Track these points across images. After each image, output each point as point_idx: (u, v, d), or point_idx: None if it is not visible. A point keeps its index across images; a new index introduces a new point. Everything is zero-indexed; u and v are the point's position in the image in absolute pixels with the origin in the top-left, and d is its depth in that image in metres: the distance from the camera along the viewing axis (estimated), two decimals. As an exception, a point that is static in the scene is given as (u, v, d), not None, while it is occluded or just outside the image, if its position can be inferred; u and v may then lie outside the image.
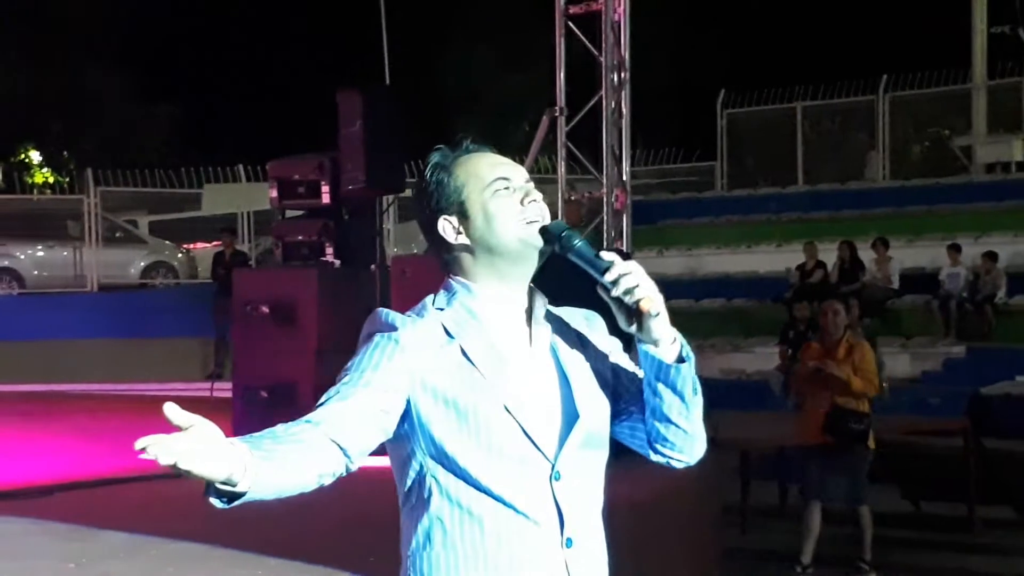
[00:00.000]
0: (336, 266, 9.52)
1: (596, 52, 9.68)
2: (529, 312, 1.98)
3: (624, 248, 9.99)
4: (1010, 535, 9.85)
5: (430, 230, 2.02)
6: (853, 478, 7.81)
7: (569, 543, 1.91)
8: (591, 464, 1.97)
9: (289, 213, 10.59)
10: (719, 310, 15.69)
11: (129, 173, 18.80)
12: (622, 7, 9.53)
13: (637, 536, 5.87)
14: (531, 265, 1.96)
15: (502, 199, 1.98)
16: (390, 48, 10.80)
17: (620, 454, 2.52)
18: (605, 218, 9.88)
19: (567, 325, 2.05)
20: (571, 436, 1.87)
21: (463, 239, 1.96)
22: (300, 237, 9.88)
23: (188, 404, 6.19)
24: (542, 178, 13.57)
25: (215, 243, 17.27)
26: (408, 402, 1.87)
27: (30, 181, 25.91)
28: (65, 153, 27.46)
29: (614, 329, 2.09)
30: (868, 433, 7.67)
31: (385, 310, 1.96)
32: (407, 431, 1.88)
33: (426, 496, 1.91)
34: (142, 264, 18.61)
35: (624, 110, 9.68)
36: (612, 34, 9.59)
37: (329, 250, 9.53)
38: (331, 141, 9.80)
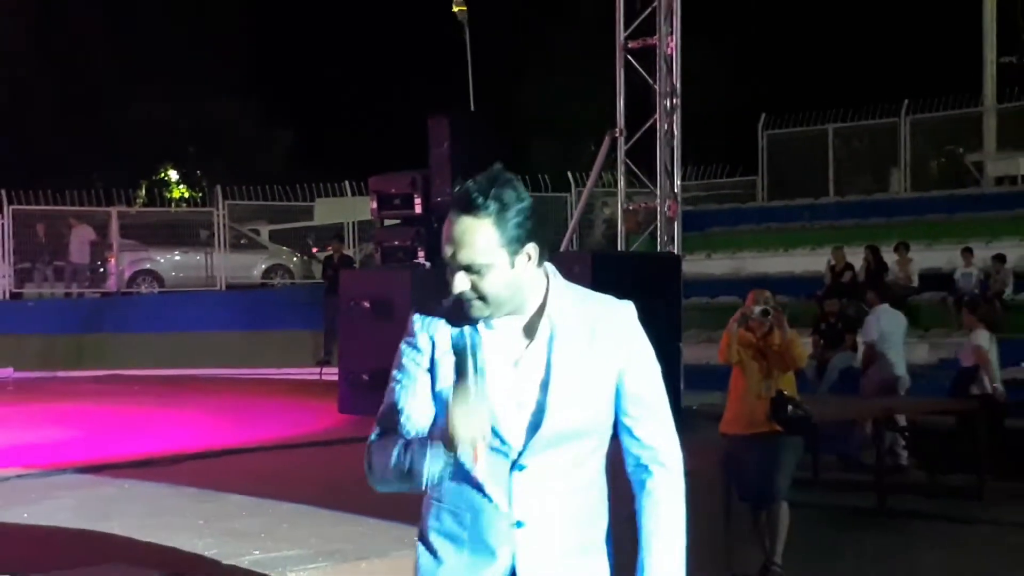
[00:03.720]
0: (427, 267, 9.35)
1: (651, 81, 9.66)
2: (529, 328, 2.00)
3: (676, 251, 9.69)
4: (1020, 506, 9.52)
5: (514, 247, 1.97)
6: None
7: (519, 524, 1.98)
8: (560, 459, 1.98)
9: (387, 222, 10.48)
10: (760, 306, 15.46)
11: (252, 188, 18.42)
12: (674, 42, 9.45)
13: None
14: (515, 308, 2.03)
15: None
16: (475, 78, 10.48)
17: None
18: (659, 225, 9.81)
19: (579, 328, 2.04)
20: (537, 434, 1.90)
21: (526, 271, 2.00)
22: (396, 243, 9.83)
23: (300, 387, 5.80)
24: (605, 191, 13.28)
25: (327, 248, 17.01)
26: None
27: (168, 196, 26.02)
28: (198, 172, 27.62)
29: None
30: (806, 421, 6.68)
31: (414, 315, 2.02)
32: None
33: None
34: (263, 266, 18.34)
35: (675, 131, 9.56)
36: (665, 65, 9.52)
37: (421, 253, 9.42)
38: (422, 159, 9.71)
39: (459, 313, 1.97)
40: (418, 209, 9.42)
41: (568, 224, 14.54)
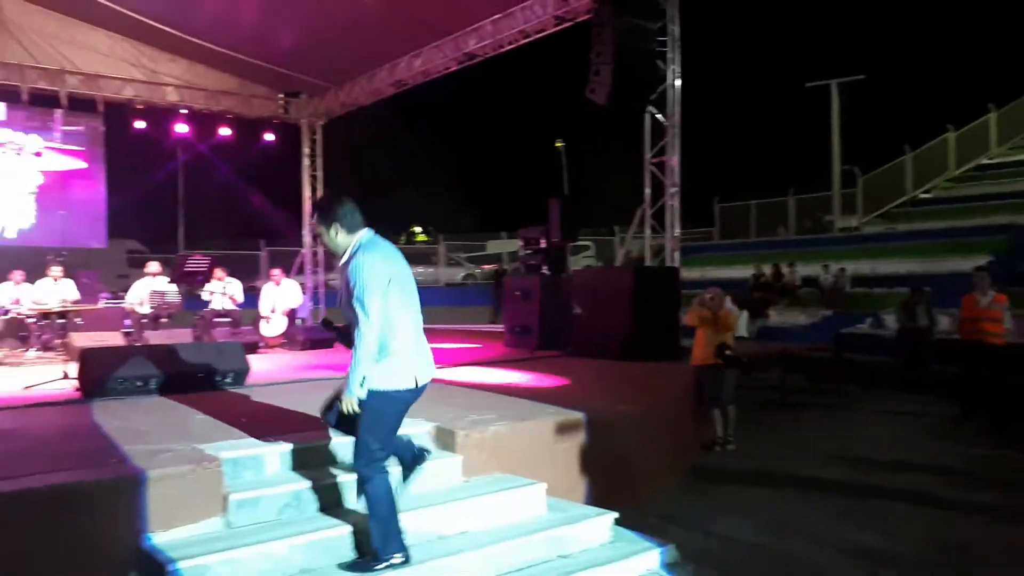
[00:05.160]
0: (548, 274, 11.54)
1: (663, 178, 11.63)
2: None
3: (677, 266, 11.16)
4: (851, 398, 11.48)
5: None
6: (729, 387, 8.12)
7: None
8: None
9: (525, 252, 12.34)
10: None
11: (456, 235, 24.97)
12: (676, 159, 11.43)
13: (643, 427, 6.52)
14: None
15: None
16: (568, 174, 11.95)
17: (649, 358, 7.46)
18: (667, 253, 11.73)
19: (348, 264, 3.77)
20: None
21: None
22: (532, 262, 11.97)
23: (481, 334, 15.12)
24: (635, 235, 14.23)
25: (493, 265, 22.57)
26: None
27: (415, 240, 33.91)
28: (429, 227, 34.85)
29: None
30: (737, 359, 8.06)
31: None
32: None
33: None
34: (462, 275, 23.91)
35: (676, 205, 11.65)
36: (672, 170, 11.56)
37: (544, 267, 11.69)
38: (540, 217, 11.76)
39: None
40: (543, 245, 11.71)
41: (617, 253, 18.75)
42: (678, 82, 11.64)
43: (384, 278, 3.66)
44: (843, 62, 25.91)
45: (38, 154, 16.83)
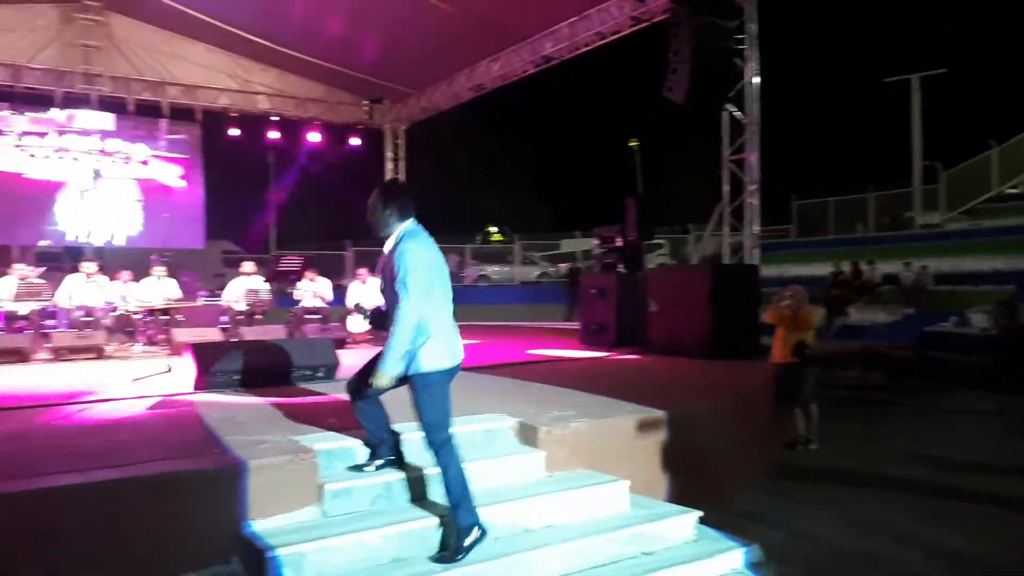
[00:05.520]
0: (624, 272, 11.34)
1: (742, 176, 11.92)
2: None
3: (756, 263, 11.27)
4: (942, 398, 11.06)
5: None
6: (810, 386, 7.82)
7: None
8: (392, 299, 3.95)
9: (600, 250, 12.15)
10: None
11: (530, 234, 24.80)
12: (755, 155, 11.67)
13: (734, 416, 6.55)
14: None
15: None
16: (643, 173, 11.66)
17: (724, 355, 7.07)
18: (745, 250, 11.88)
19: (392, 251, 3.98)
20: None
21: None
22: (608, 260, 11.78)
23: (556, 331, 14.99)
24: (713, 234, 14.68)
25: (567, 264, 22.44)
26: None
27: (491, 239, 33.60)
28: (505, 227, 34.56)
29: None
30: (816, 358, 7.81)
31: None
32: None
33: None
34: (537, 272, 23.48)
35: (756, 203, 11.90)
36: (751, 167, 11.80)
37: (620, 266, 11.50)
38: (617, 216, 11.58)
39: None
40: (619, 244, 11.58)
41: (691, 251, 18.48)
42: (756, 79, 11.46)
43: (426, 265, 3.84)
44: (924, 56, 24.72)
45: (144, 162, 17.50)
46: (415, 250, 3.82)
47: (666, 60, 10.50)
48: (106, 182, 17.41)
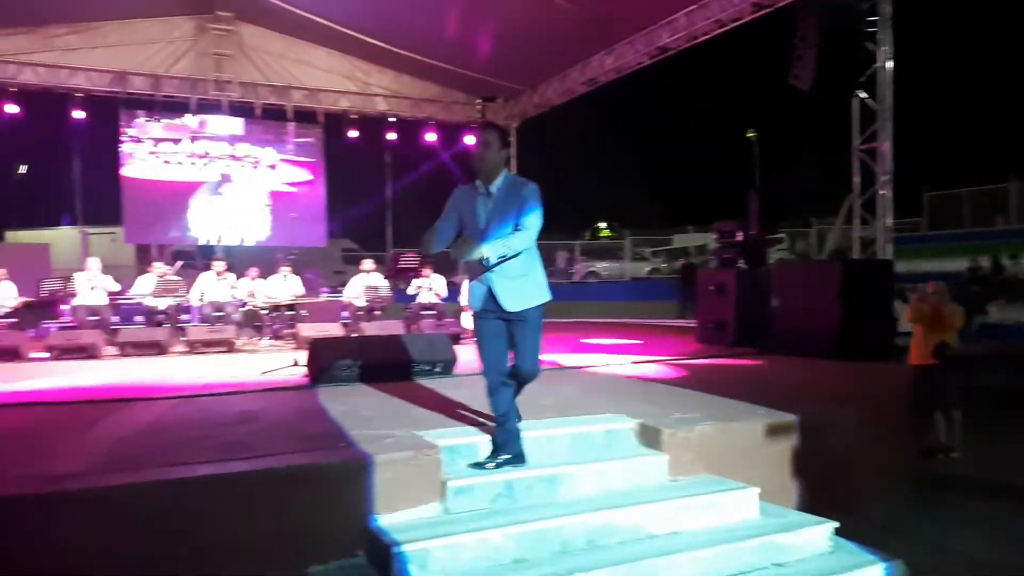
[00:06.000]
0: (744, 268, 11.22)
1: (873, 166, 11.50)
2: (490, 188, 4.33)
3: (890, 258, 10.75)
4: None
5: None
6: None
7: (487, 262, 4.25)
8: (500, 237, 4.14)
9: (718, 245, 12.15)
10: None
11: (639, 230, 24.71)
12: (888, 144, 11.18)
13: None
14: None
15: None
16: (760, 167, 12.39)
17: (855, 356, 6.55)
18: (878, 245, 11.50)
19: (507, 189, 4.34)
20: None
21: None
22: (727, 255, 11.66)
23: (667, 328, 12.00)
24: (842, 226, 13.79)
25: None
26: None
27: (600, 235, 33.37)
28: (615, 223, 34.62)
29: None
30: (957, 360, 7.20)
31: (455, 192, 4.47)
32: None
33: None
34: (647, 269, 23.33)
35: (888, 195, 11.47)
36: (883, 157, 11.31)
37: (740, 261, 11.38)
38: (733, 210, 11.74)
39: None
40: (739, 238, 11.46)
41: (812, 245, 17.67)
42: (889, 64, 10.86)
43: None
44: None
45: (272, 167, 18.21)
46: (539, 196, 4.21)
47: (791, 46, 10.17)
48: (236, 186, 18.10)
